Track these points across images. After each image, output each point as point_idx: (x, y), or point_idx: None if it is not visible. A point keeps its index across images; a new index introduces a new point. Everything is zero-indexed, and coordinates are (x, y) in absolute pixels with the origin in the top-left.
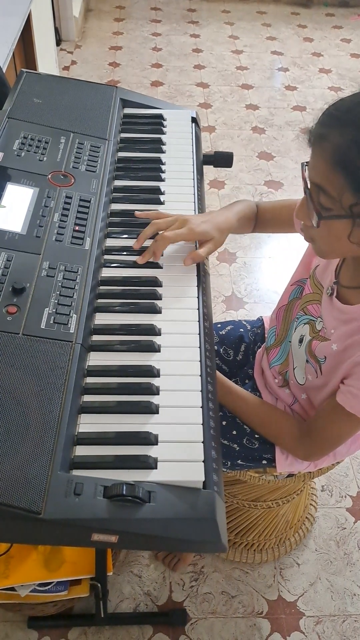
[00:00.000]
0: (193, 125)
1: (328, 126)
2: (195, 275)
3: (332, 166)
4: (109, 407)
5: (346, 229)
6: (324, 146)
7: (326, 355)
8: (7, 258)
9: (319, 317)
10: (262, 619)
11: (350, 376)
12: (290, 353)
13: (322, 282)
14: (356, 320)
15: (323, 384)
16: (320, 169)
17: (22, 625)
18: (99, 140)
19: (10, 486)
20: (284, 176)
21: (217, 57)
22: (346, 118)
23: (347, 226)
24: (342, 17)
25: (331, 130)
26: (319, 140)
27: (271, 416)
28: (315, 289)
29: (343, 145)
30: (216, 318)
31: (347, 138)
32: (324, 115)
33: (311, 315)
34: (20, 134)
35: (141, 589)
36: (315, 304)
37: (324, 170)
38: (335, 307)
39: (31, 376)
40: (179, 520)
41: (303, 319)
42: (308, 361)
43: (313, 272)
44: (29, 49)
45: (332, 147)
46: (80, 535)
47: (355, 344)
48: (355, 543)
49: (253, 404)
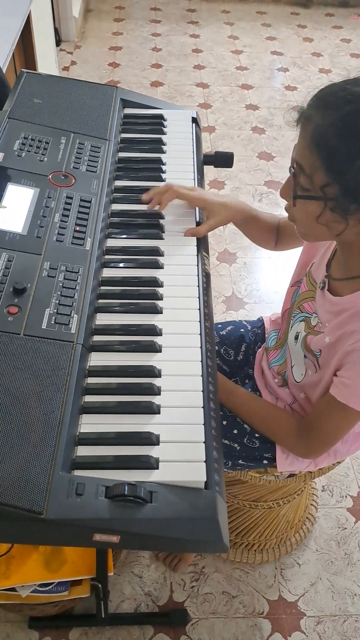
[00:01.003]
0: (193, 126)
1: (313, 108)
2: (196, 276)
3: (311, 146)
4: (110, 407)
5: (318, 210)
6: (307, 126)
7: (321, 349)
8: (8, 258)
9: (314, 312)
10: (263, 619)
11: (342, 367)
12: (288, 351)
13: (316, 279)
14: (346, 311)
15: (319, 379)
16: (301, 148)
17: (23, 626)
18: (100, 140)
19: (12, 486)
20: (284, 176)
21: (217, 57)
22: (330, 101)
23: (319, 207)
24: (342, 17)
25: (315, 112)
26: (304, 120)
27: (271, 414)
28: (310, 286)
29: (322, 126)
30: (216, 318)
31: (327, 120)
32: (313, 97)
33: (307, 312)
34: (21, 135)
35: (142, 590)
36: (310, 300)
37: (304, 149)
38: (327, 300)
39: (32, 376)
40: (181, 520)
41: (299, 316)
42: (306, 356)
43: (309, 271)
44: (28, 49)
45: (313, 127)
46: (82, 535)
47: (345, 334)
48: (355, 543)
49: (253, 402)
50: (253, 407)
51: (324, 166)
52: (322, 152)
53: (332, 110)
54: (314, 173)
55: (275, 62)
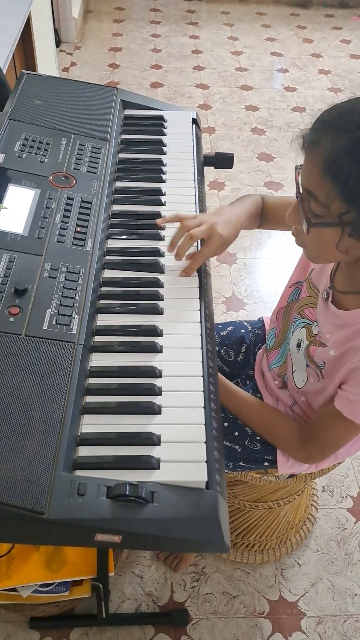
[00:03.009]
0: (194, 127)
1: (320, 132)
2: (197, 276)
3: (323, 173)
4: (111, 407)
5: (335, 236)
6: (315, 152)
7: (325, 361)
8: (9, 259)
9: (315, 321)
10: (264, 619)
11: (347, 382)
12: (289, 356)
13: (318, 286)
14: (351, 326)
15: (322, 388)
16: (311, 175)
17: (24, 626)
18: (100, 141)
19: (13, 487)
20: (284, 177)
21: (216, 58)
22: (337, 125)
23: (336, 234)
24: (342, 18)
25: (323, 136)
26: (311, 146)
27: (271, 418)
28: (311, 292)
29: (333, 152)
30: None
31: (337, 145)
32: (317, 121)
33: (308, 319)
34: (22, 136)
35: (143, 590)
36: (311, 307)
37: (314, 176)
38: (331, 312)
39: (34, 377)
40: (182, 520)
41: (300, 322)
42: (308, 365)
43: (309, 276)
44: (28, 50)
45: (323, 153)
46: (83, 535)
47: (352, 349)
48: (356, 543)
49: (253, 405)
50: (253, 410)
51: (341, 193)
52: (337, 180)
53: (342, 135)
54: (329, 200)
55: (275, 63)
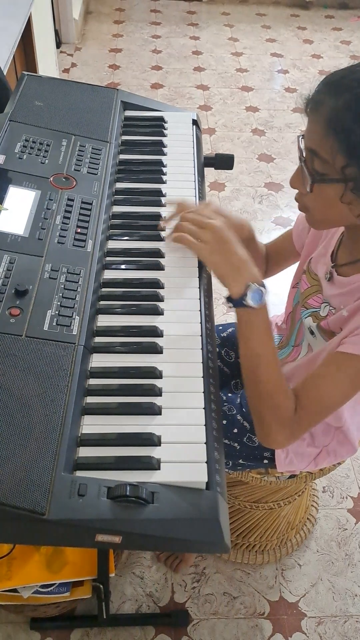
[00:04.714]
0: (194, 128)
1: (322, 93)
2: (197, 277)
3: (326, 130)
4: (112, 408)
5: (338, 192)
6: (319, 111)
7: (342, 327)
8: (10, 260)
9: (324, 302)
10: (264, 619)
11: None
12: (310, 352)
13: (318, 272)
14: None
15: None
16: (314, 133)
17: (25, 627)
18: (101, 142)
19: (14, 487)
20: (284, 178)
21: (216, 59)
22: (340, 84)
23: (339, 190)
24: (342, 19)
25: (326, 96)
26: (314, 106)
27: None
28: (312, 281)
29: (336, 109)
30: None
31: (340, 102)
32: (320, 83)
33: (313, 307)
34: (22, 137)
35: (143, 590)
36: (314, 295)
37: (318, 134)
38: (337, 285)
39: (34, 378)
40: (182, 520)
41: (305, 313)
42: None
43: (308, 266)
44: (29, 51)
45: (326, 111)
46: (84, 535)
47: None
48: (356, 544)
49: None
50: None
51: (343, 147)
52: (339, 134)
53: (345, 92)
54: (331, 156)
55: (275, 64)
